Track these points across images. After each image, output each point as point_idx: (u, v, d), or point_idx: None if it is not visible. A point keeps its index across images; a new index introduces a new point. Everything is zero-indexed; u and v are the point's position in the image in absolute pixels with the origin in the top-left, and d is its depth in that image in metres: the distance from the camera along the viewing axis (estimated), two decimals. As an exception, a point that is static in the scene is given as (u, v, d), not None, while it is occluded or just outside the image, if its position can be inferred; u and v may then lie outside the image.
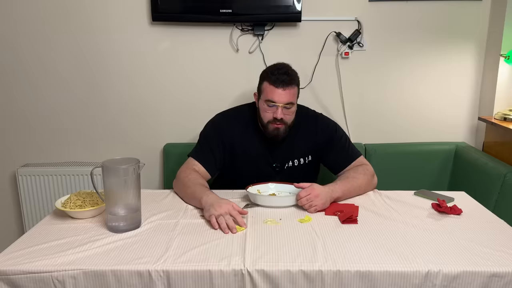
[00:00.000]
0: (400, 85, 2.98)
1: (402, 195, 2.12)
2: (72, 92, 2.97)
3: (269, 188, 2.13)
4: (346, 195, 2.06)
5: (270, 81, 2.14)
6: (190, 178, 2.08)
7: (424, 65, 2.95)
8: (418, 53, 2.93)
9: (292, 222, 1.81)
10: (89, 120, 3.02)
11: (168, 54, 2.92)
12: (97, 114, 3.01)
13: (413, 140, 3.05)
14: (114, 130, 3.04)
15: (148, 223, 1.80)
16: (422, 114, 3.03)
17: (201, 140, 2.29)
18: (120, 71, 2.94)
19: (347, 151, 2.27)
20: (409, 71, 2.96)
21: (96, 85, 2.96)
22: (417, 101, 3.01)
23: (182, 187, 2.07)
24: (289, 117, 2.19)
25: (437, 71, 2.96)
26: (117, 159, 1.75)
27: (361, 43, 2.89)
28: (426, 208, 1.96)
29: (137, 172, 1.71)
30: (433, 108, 3.02)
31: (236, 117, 2.32)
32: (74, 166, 2.97)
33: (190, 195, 2.00)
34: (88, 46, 2.90)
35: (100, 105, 2.99)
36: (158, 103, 2.99)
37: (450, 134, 3.05)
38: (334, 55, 2.93)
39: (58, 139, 3.05)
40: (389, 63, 2.95)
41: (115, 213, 1.72)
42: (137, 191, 1.74)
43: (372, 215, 1.88)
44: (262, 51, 2.90)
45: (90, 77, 2.95)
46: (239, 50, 2.91)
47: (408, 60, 2.94)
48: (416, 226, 1.76)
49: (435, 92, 2.99)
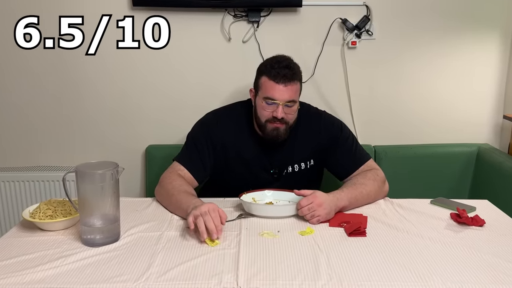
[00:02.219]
0: (414, 78, 2.99)
1: (416, 204, 2.13)
2: (43, 87, 2.97)
3: (266, 196, 2.13)
4: (353, 204, 2.06)
5: (270, 76, 2.15)
6: (175, 185, 2.08)
7: (442, 56, 2.96)
8: (435, 42, 2.94)
9: (291, 234, 1.81)
10: (61, 118, 3.02)
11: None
12: (71, 112, 3.01)
13: (429, 141, 3.05)
14: (89, 129, 3.03)
15: (128, 235, 1.79)
16: (439, 112, 3.04)
17: (188, 142, 2.29)
18: (97, 63, 2.94)
19: (354, 154, 2.28)
20: (425, 62, 2.97)
21: (69, 79, 2.96)
22: (434, 97, 3.02)
23: (166, 195, 2.07)
24: (291, 116, 2.19)
25: (457, 63, 2.97)
26: (92, 163, 1.74)
27: (370, 31, 2.90)
28: (444, 219, 1.96)
29: (116, 178, 1.71)
30: (452, 105, 3.03)
31: (228, 116, 2.32)
32: (44, 171, 2.96)
33: (174, 204, 2.00)
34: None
35: (74, 101, 2.99)
36: (140, 99, 3.00)
37: (472, 134, 3.06)
38: (339, 44, 2.94)
39: (26, 140, 3.05)
40: (402, 54, 2.96)
41: (90, 224, 1.71)
42: (115, 200, 1.73)
43: (382, 226, 1.88)
44: (258, 41, 2.90)
45: (62, 70, 2.95)
46: (231, 40, 2.91)
47: (423, 50, 2.95)
48: (432, 239, 1.76)
49: (455, 87, 3.00)
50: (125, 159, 2.99)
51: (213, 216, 1.75)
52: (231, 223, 1.91)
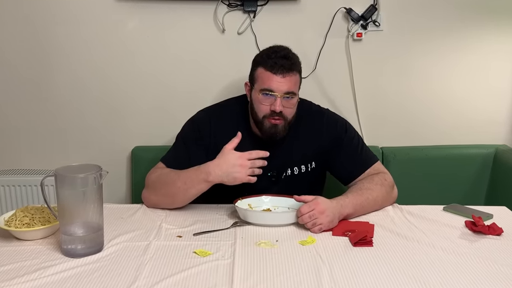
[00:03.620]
0: (426, 74, 3.00)
1: (428, 210, 2.13)
2: (18, 82, 2.97)
3: (263, 202, 2.14)
4: (359, 211, 2.06)
5: (267, 66, 2.16)
6: (168, 172, 2.14)
7: (457, 50, 2.97)
8: (448, 34, 2.94)
9: (291, 244, 1.82)
10: (39, 117, 3.02)
11: (137, 36, 2.93)
12: (50, 110, 3.01)
13: (442, 142, 3.06)
14: (70, 129, 3.03)
15: (112, 245, 1.79)
16: (453, 110, 3.04)
17: (177, 143, 2.30)
18: (79, 58, 2.94)
19: (360, 156, 2.29)
20: (437, 56, 2.98)
21: (48, 74, 2.96)
22: (447, 94, 3.02)
23: (165, 187, 2.11)
24: (290, 110, 2.20)
25: (472, 57, 2.97)
26: (73, 166, 1.75)
27: (377, 22, 2.90)
28: (458, 227, 1.97)
29: (99, 182, 1.71)
30: (467, 103, 3.03)
31: (222, 114, 2.33)
32: (20, 175, 2.96)
33: (183, 184, 2.06)
34: (40, 26, 2.90)
35: (53, 98, 2.99)
36: (125, 96, 3.00)
37: (488, 134, 3.06)
38: (343, 37, 2.94)
39: (0, 141, 3.04)
40: (413, 47, 2.97)
41: (71, 233, 1.71)
42: (98, 206, 1.73)
43: (391, 235, 1.89)
44: (254, 32, 2.91)
45: (41, 64, 2.95)
46: (225, 31, 2.91)
47: (436, 43, 2.96)
48: (445, 249, 1.77)
49: (470, 83, 3.01)
50: (109, 162, 2.97)
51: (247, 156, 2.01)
52: (225, 232, 1.92)
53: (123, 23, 2.90)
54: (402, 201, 2.23)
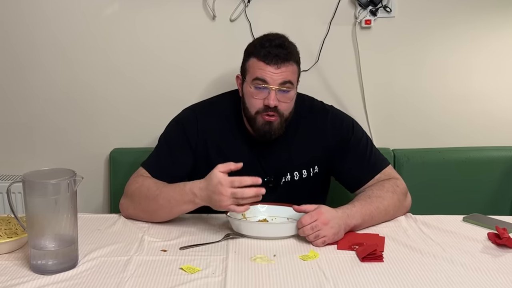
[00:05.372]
0: (443, 66, 3.01)
1: (446, 221, 2.14)
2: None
3: (259, 212, 2.14)
4: (368, 222, 2.07)
5: (259, 56, 2.16)
6: (150, 184, 2.11)
7: (478, 38, 2.97)
8: (469, 20, 2.94)
9: (291, 259, 1.82)
10: (4, 116, 3.02)
11: (117, 23, 2.93)
12: (16, 109, 3.01)
13: (462, 144, 3.06)
14: (39, 129, 3.03)
15: (88, 260, 1.79)
16: (474, 108, 3.05)
17: (160, 146, 2.31)
18: (50, 46, 2.94)
19: (368, 160, 2.29)
20: (456, 46, 2.98)
21: (13, 69, 2.96)
22: (467, 90, 3.03)
23: (145, 202, 2.10)
24: (285, 105, 2.19)
25: (496, 47, 2.98)
26: (44, 171, 1.75)
27: (388, 7, 2.91)
28: (480, 240, 1.97)
29: (73, 189, 1.71)
30: (490, 99, 3.04)
31: (211, 112, 2.34)
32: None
33: (167, 202, 2.04)
34: (6, 11, 2.90)
35: (20, 93, 2.99)
36: (103, 91, 3.00)
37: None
38: (350, 24, 2.95)
39: (-40, 142, 3.05)
40: (428, 36, 2.97)
41: (41, 246, 1.71)
42: (72, 216, 1.73)
43: (403, 249, 1.89)
44: (249, 19, 2.91)
45: (6, 54, 2.95)
46: (216, 18, 2.91)
47: (455, 30, 2.96)
48: (466, 265, 1.77)
49: (493, 77, 3.02)
50: (84, 166, 2.96)
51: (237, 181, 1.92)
52: (215, 246, 1.92)
53: (101, 6, 2.90)
54: (416, 211, 2.24)
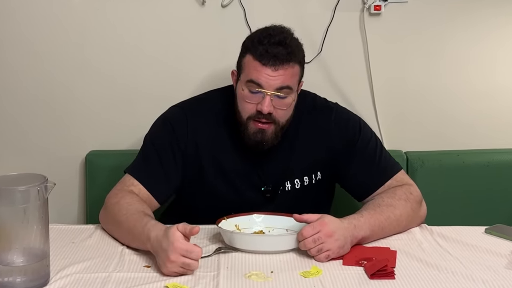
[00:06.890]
0: (462, 58, 3.02)
1: (465, 233, 2.14)
2: None
3: (254, 223, 2.14)
4: (378, 234, 2.07)
5: (256, 54, 2.15)
6: (122, 205, 2.07)
7: (502, 27, 2.99)
8: (492, 5, 2.95)
9: (290, 276, 1.81)
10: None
11: (93, 10, 2.92)
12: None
13: (483, 146, 3.07)
14: (6, 129, 3.03)
15: (61, 277, 1.78)
16: (498, 105, 3.06)
17: (145, 147, 2.30)
18: (17, 37, 2.94)
19: (378, 164, 2.29)
20: (477, 36, 2.99)
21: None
22: (489, 85, 3.04)
23: (112, 222, 2.08)
24: (282, 112, 2.19)
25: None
26: (11, 176, 1.74)
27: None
28: (504, 254, 1.97)
29: (44, 197, 1.70)
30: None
31: (202, 111, 2.34)
32: None
33: (126, 232, 2.00)
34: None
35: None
36: (78, 88, 2.99)
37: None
38: (357, 10, 2.95)
39: None
40: (446, 22, 2.98)
41: (8, 262, 1.70)
42: (43, 227, 1.72)
43: (418, 265, 1.89)
44: (243, 5, 2.91)
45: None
46: (205, 3, 2.91)
47: (475, 18, 2.97)
48: (488, 282, 1.76)
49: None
50: (56, 171, 2.96)
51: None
52: (205, 261, 1.90)
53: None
54: (432, 221, 2.24)
